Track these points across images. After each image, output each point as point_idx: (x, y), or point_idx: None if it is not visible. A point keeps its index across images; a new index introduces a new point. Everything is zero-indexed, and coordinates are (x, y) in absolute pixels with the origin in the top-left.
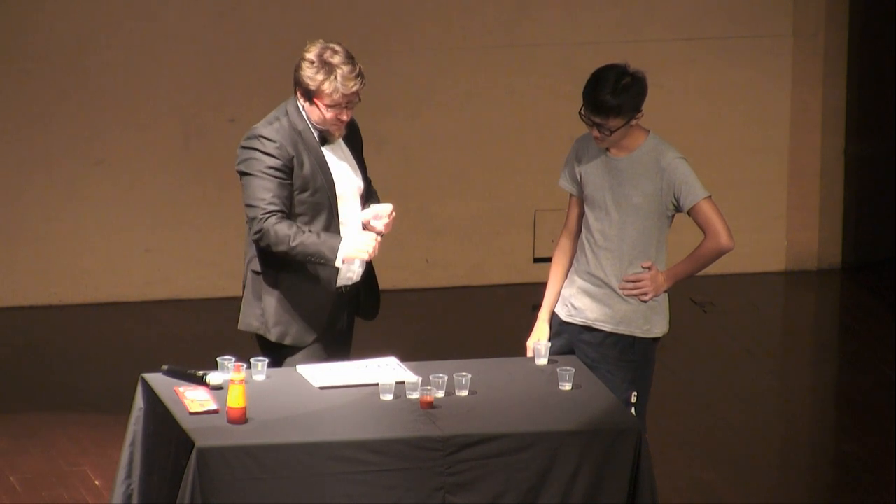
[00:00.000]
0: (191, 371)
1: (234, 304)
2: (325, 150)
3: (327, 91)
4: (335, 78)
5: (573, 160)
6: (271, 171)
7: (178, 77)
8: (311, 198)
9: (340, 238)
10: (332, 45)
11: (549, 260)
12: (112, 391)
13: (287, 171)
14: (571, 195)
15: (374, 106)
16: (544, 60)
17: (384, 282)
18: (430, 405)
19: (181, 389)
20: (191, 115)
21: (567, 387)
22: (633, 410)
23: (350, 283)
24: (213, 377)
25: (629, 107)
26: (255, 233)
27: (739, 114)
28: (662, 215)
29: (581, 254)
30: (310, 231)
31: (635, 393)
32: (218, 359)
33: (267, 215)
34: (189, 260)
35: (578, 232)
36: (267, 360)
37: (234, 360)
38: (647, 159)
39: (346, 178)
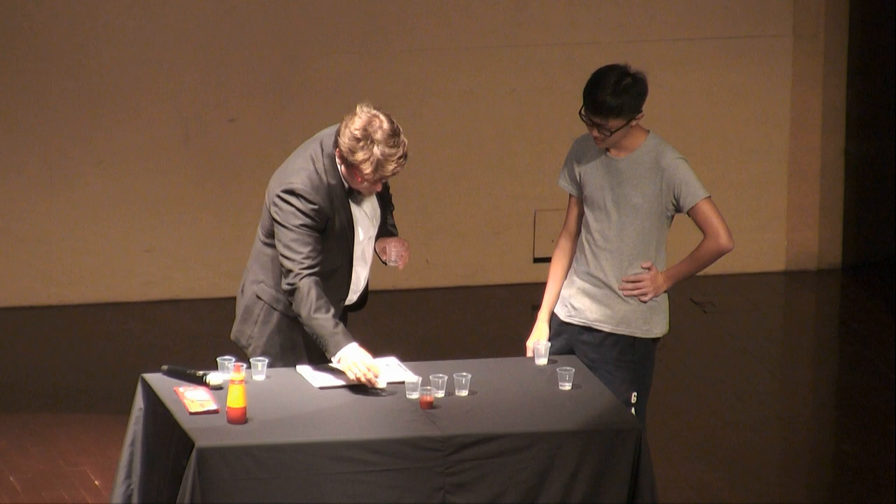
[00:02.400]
0: (191, 371)
1: (233, 304)
2: (355, 209)
3: (366, 171)
4: (375, 159)
5: (573, 160)
6: (307, 230)
7: (178, 77)
8: (330, 249)
9: (348, 344)
10: (380, 116)
11: (548, 260)
12: (112, 391)
13: (322, 229)
14: (571, 195)
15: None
16: (544, 60)
17: (384, 282)
18: (430, 405)
19: (181, 389)
20: (191, 115)
21: (567, 387)
22: (633, 410)
23: (344, 304)
24: (213, 377)
25: (629, 107)
26: (289, 285)
27: (739, 114)
28: (662, 216)
29: (581, 254)
30: (332, 315)
31: (635, 393)
32: (218, 359)
33: (305, 271)
34: (189, 260)
35: (578, 232)
36: (266, 360)
37: (234, 360)
38: (646, 159)
39: (366, 230)
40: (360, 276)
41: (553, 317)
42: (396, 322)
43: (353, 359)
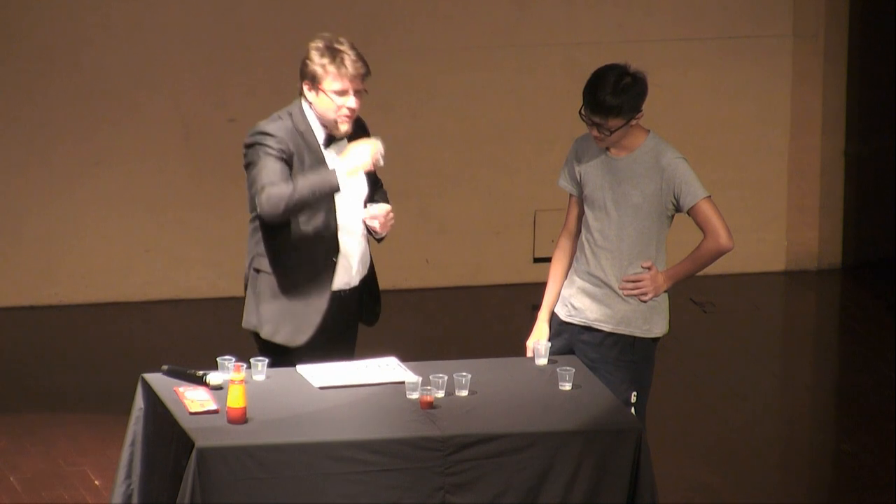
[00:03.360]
0: (191, 371)
1: (233, 304)
2: (328, 152)
3: (334, 73)
4: (341, 61)
5: (573, 160)
6: (271, 156)
7: (178, 77)
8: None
9: (332, 170)
10: (338, 37)
11: (549, 260)
12: (112, 391)
13: (286, 161)
14: (571, 195)
15: (374, 106)
16: (544, 60)
17: (384, 282)
18: (430, 405)
19: (181, 389)
20: (191, 114)
21: (567, 387)
22: (632, 410)
23: (348, 287)
24: (213, 377)
25: (629, 107)
26: (258, 207)
27: (739, 114)
28: (662, 215)
29: (581, 254)
30: (301, 178)
31: (635, 393)
32: (218, 359)
33: (265, 187)
34: (189, 260)
35: (578, 232)
36: (267, 360)
37: (234, 360)
38: (646, 159)
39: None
40: (350, 250)
41: (553, 316)
42: (396, 322)
43: (351, 160)
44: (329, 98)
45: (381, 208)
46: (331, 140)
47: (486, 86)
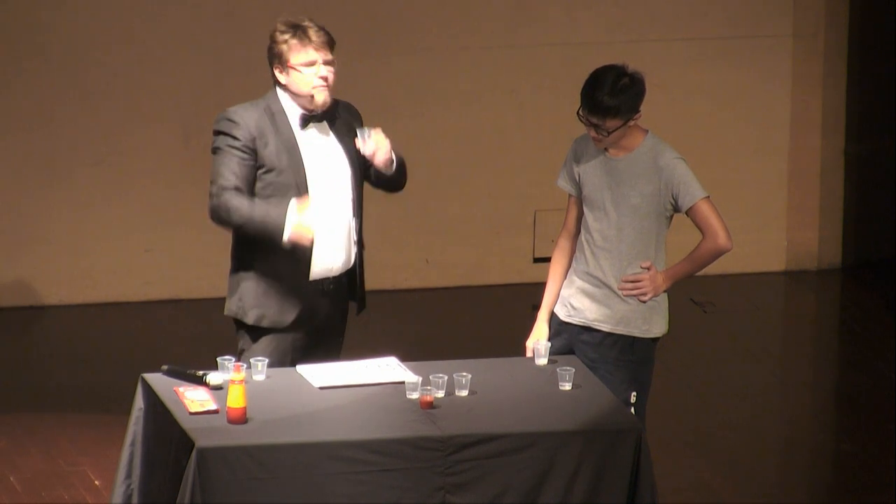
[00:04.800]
0: (191, 371)
1: None
2: (303, 133)
3: (297, 45)
4: (304, 32)
5: (571, 161)
6: (232, 151)
7: (178, 77)
8: (276, 178)
9: (286, 215)
10: (298, 16)
11: (548, 260)
12: (112, 391)
13: (248, 150)
14: (570, 196)
15: (374, 106)
16: (544, 60)
17: (384, 282)
18: (430, 405)
19: (181, 389)
20: (191, 115)
21: (567, 387)
22: (632, 410)
23: (330, 275)
24: (213, 377)
25: (627, 108)
26: (210, 204)
27: (739, 114)
28: (661, 215)
29: (580, 254)
30: (262, 204)
31: (634, 393)
32: (218, 359)
33: (222, 191)
34: (189, 260)
35: (577, 232)
36: (267, 360)
37: (234, 360)
38: (645, 159)
39: (323, 163)
40: (328, 239)
41: (553, 316)
42: (396, 322)
43: (295, 231)
44: (299, 72)
45: (372, 138)
46: (308, 120)
47: (486, 86)
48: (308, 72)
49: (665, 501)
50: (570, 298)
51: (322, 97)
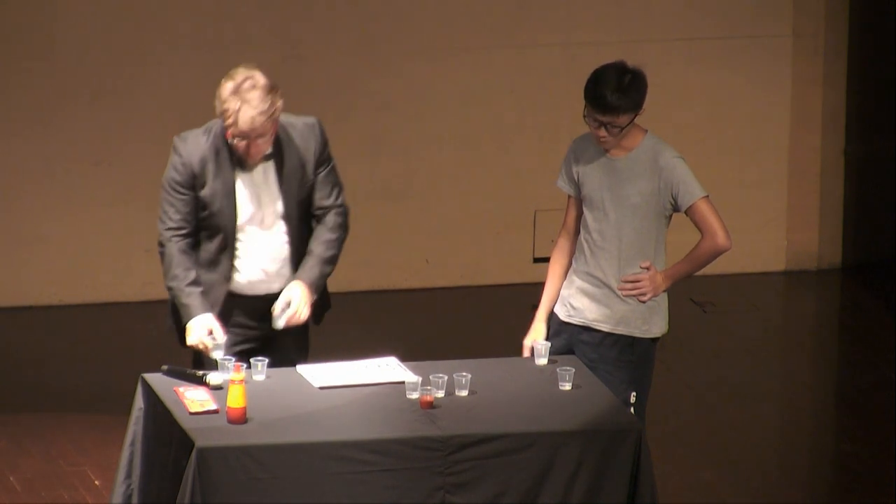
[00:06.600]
0: (191, 371)
1: None
2: (240, 175)
3: (230, 123)
4: (237, 113)
5: (571, 161)
6: (175, 186)
7: (178, 77)
8: (209, 219)
9: (198, 315)
10: (255, 75)
11: (548, 260)
12: (112, 391)
13: (187, 188)
14: (570, 196)
15: (374, 106)
16: (544, 60)
17: (384, 282)
18: (430, 405)
19: (181, 389)
20: (191, 115)
21: (567, 387)
22: (632, 410)
23: (254, 292)
24: (213, 377)
25: (635, 103)
26: (159, 245)
27: (739, 114)
28: (660, 215)
29: (580, 254)
30: (191, 286)
31: (634, 393)
32: (218, 359)
33: (171, 235)
34: None
35: (577, 232)
36: (267, 360)
37: (234, 360)
38: (644, 159)
39: (253, 205)
40: (255, 254)
41: (553, 316)
42: (396, 322)
43: (194, 326)
44: (231, 137)
45: (291, 305)
46: (241, 162)
47: (486, 86)
48: (237, 140)
49: (665, 501)
50: (570, 298)
51: (251, 162)
